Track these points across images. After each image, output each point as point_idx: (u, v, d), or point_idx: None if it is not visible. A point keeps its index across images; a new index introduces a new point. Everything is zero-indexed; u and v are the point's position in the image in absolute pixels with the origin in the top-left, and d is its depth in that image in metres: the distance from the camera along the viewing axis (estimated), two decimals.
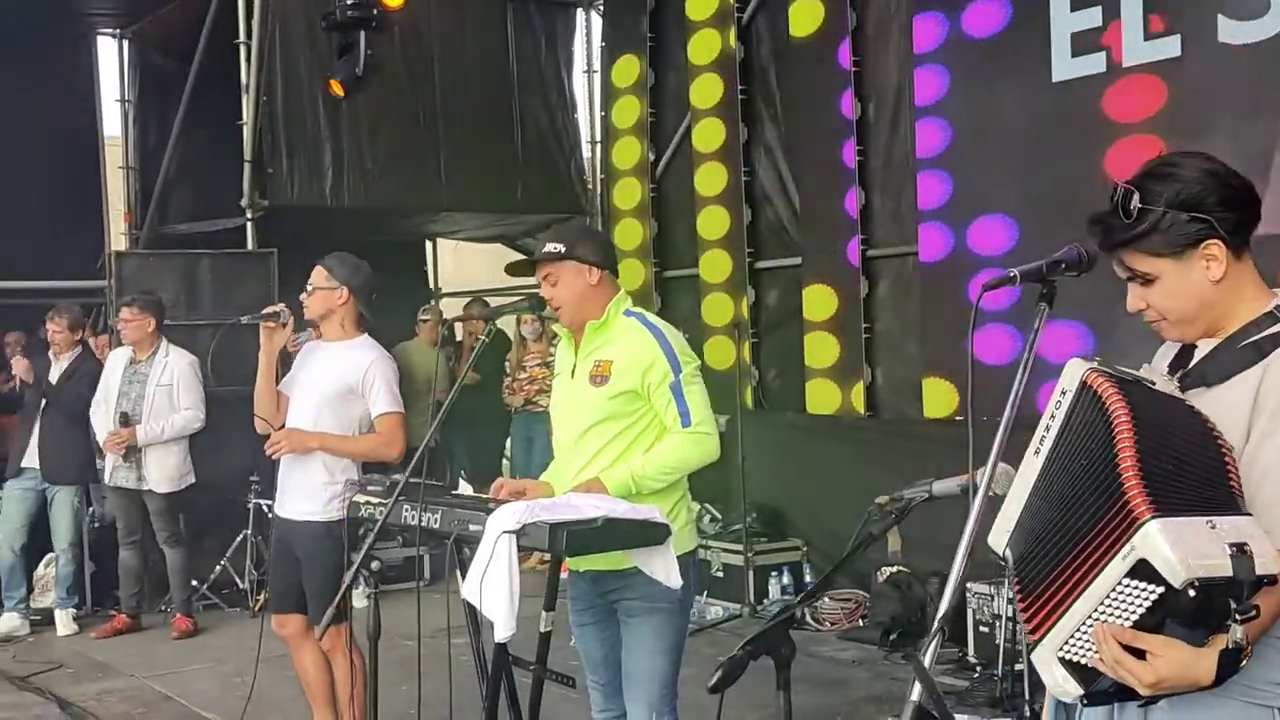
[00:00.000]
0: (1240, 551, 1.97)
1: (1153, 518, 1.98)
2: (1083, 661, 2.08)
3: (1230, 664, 2.00)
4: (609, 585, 3.85)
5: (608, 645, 3.92)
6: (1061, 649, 2.10)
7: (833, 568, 4.23)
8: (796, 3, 8.61)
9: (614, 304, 3.91)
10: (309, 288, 5.05)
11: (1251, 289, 2.23)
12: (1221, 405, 2.16)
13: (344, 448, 4.96)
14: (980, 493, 2.12)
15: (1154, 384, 2.20)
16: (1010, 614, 5.83)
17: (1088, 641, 2.07)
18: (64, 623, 8.04)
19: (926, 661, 2.07)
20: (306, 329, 5.33)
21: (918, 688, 2.04)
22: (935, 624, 2.11)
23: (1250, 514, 2.05)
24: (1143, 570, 1.99)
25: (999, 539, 2.25)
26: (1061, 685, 2.10)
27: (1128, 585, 2.01)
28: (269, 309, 5.13)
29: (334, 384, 4.95)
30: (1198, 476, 2.06)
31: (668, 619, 3.79)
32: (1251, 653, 2.02)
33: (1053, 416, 2.21)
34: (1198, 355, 2.28)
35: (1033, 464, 2.23)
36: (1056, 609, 2.10)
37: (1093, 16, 6.68)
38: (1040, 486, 2.20)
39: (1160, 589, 1.98)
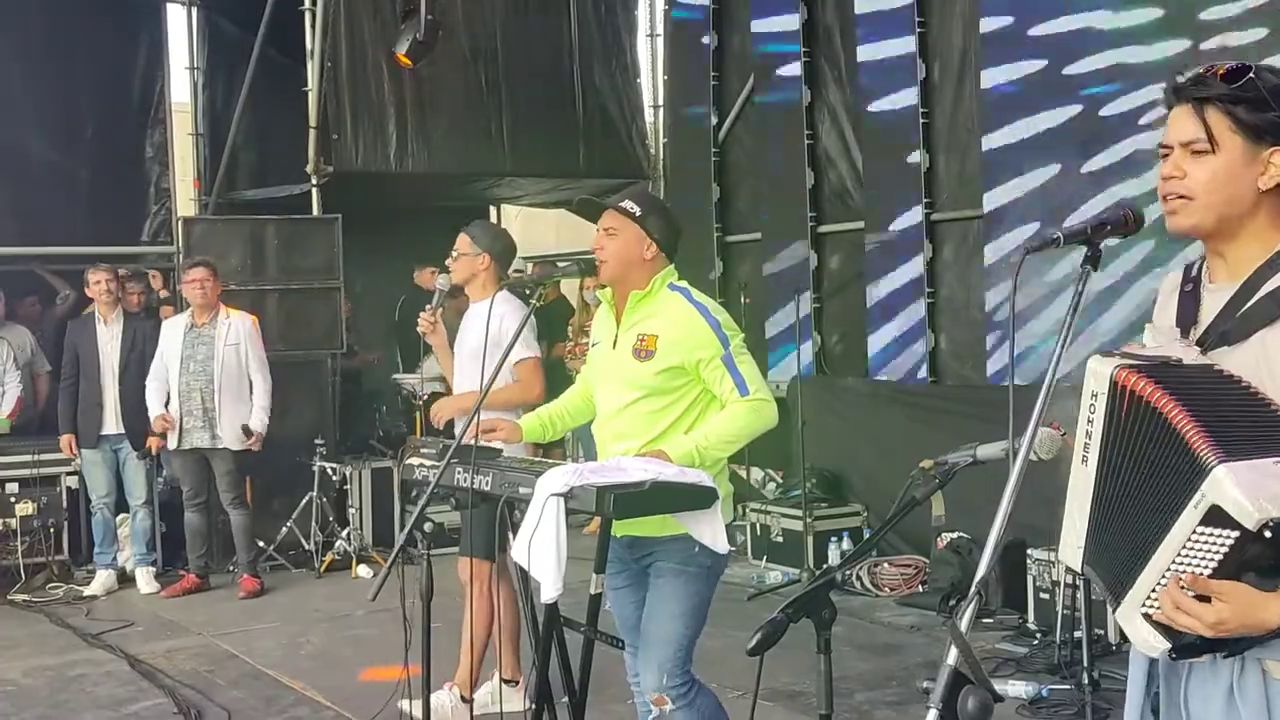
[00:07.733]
0: None
1: (1220, 462, 1.95)
2: None
3: None
4: (644, 549, 3.84)
5: (641, 609, 3.88)
6: (1144, 605, 2.07)
7: (876, 532, 4.22)
8: None
9: (660, 277, 3.89)
10: (454, 254, 5.49)
11: (1278, 223, 2.18)
12: (1247, 363, 2.11)
13: (489, 400, 5.13)
14: (1020, 457, 2.10)
15: (1180, 360, 2.14)
16: (1070, 581, 5.75)
17: None
18: (145, 581, 8.16)
19: (964, 625, 2.05)
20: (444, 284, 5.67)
21: (954, 651, 2.02)
22: (973, 588, 2.09)
23: None
24: (1215, 517, 1.96)
25: (1073, 556, 2.23)
26: (1148, 640, 2.08)
27: (1202, 534, 1.98)
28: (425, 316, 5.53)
29: (481, 340, 5.05)
30: (1260, 428, 2.02)
31: (692, 582, 3.76)
32: None
33: (1090, 421, 2.17)
34: (1206, 307, 2.23)
35: (1083, 474, 2.19)
36: (1135, 567, 2.07)
37: None
38: (1100, 496, 2.17)
39: (1235, 533, 1.95)
